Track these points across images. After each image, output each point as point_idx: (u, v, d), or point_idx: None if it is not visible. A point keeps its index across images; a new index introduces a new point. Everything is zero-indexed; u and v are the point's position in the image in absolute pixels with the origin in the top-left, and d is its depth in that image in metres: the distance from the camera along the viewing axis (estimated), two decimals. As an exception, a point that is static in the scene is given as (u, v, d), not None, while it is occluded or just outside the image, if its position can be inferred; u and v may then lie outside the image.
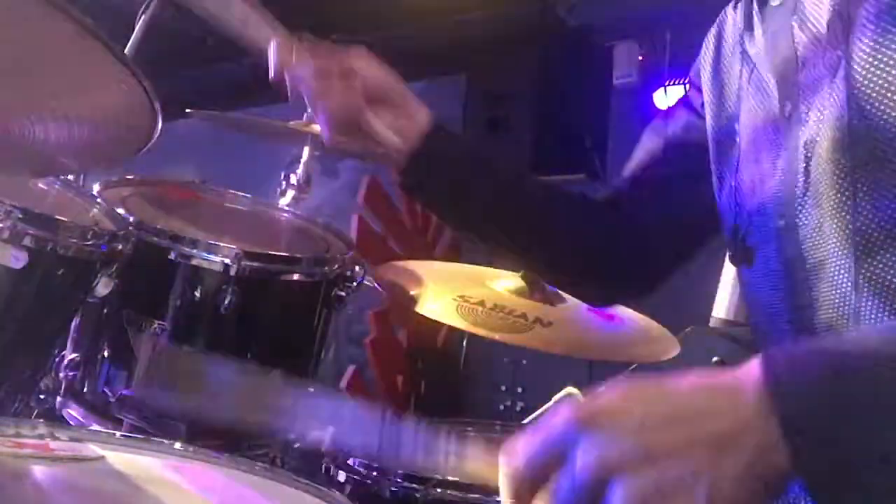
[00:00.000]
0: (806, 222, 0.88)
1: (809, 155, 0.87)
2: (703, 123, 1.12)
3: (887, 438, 0.59)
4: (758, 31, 0.99)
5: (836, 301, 0.84)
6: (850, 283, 0.82)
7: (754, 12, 1.01)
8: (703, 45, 1.14)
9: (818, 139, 0.86)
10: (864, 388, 0.60)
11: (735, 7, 1.07)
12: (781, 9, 0.95)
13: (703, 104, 1.13)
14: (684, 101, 1.21)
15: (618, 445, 0.59)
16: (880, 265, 0.80)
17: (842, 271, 0.83)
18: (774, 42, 0.95)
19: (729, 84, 1.06)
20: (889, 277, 0.79)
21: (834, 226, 0.83)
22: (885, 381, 0.60)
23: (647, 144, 1.25)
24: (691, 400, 0.63)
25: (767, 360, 0.63)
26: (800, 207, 0.88)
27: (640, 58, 4.05)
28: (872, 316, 0.80)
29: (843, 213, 0.82)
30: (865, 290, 0.81)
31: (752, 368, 0.62)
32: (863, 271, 0.81)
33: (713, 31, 1.13)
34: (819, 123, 0.86)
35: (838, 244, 0.83)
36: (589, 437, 0.60)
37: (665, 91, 3.93)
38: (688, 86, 1.20)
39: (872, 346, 0.64)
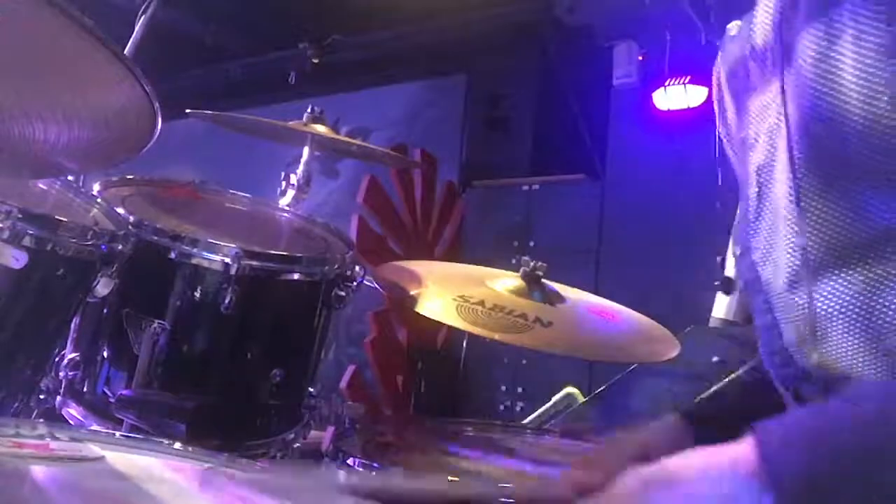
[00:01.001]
0: (758, 246, 0.89)
1: (762, 180, 0.88)
2: None
3: None
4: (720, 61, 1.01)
5: (796, 322, 0.85)
6: (805, 304, 0.83)
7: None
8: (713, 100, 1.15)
9: (770, 164, 0.87)
10: (857, 468, 0.64)
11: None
12: (737, 38, 0.96)
13: None
14: None
15: None
16: (834, 284, 0.80)
17: (795, 292, 0.84)
18: (732, 69, 0.97)
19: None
20: (842, 296, 0.80)
21: (789, 249, 0.84)
22: (878, 460, 0.64)
23: None
24: (696, 492, 0.67)
25: (761, 442, 0.67)
26: (752, 232, 0.90)
27: (640, 58, 4.05)
28: (832, 334, 0.81)
29: (794, 235, 0.83)
30: (820, 308, 0.82)
31: (749, 451, 0.67)
32: (821, 291, 0.81)
33: (714, 80, 1.13)
34: (770, 148, 0.87)
35: (794, 267, 0.84)
36: None
37: (665, 91, 3.92)
38: None
39: (867, 419, 0.67)
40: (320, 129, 2.04)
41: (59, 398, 1.44)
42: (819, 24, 0.79)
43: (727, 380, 1.20)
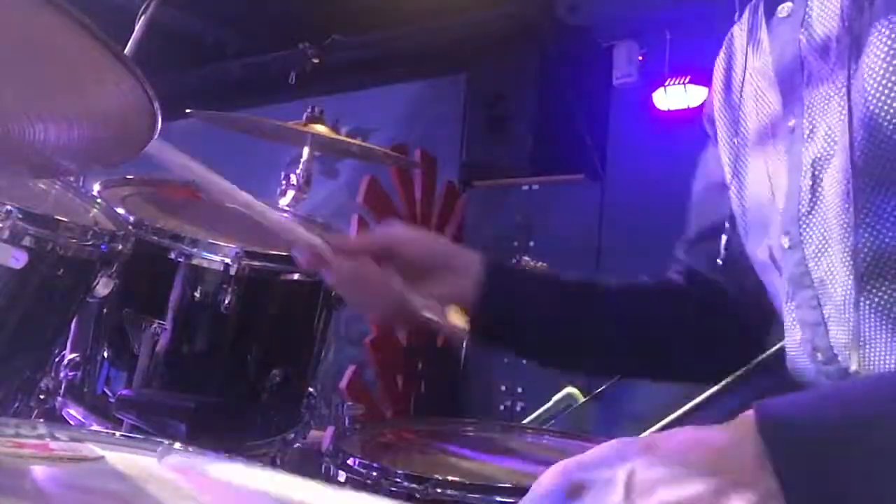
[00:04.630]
0: (810, 240, 0.85)
1: (818, 173, 0.84)
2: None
3: (886, 493, 0.58)
4: (764, 43, 0.97)
5: (848, 322, 0.81)
6: (862, 306, 0.80)
7: (760, 25, 0.98)
8: (714, 71, 1.11)
9: (829, 157, 0.83)
10: (862, 444, 0.60)
11: (741, 25, 1.04)
12: (789, 20, 0.92)
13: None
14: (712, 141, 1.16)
15: None
16: (889, 290, 0.78)
17: (852, 294, 0.80)
18: (780, 54, 0.92)
19: (739, 102, 1.03)
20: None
21: (843, 246, 0.81)
22: (882, 438, 0.59)
23: (696, 202, 1.20)
24: (681, 458, 0.61)
25: (762, 413, 0.62)
26: (804, 226, 0.86)
27: (640, 58, 4.05)
28: (883, 341, 0.79)
29: (855, 235, 0.79)
30: (871, 315, 0.79)
31: (747, 421, 0.61)
32: (870, 296, 0.79)
33: (722, 55, 1.09)
34: (828, 141, 0.83)
35: (846, 266, 0.81)
36: None
37: (665, 91, 3.92)
38: (708, 125, 1.15)
39: (870, 398, 0.63)
40: (320, 129, 2.04)
41: (59, 398, 1.44)
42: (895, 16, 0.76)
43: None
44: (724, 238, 1.02)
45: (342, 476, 1.39)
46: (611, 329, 1.16)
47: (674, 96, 3.89)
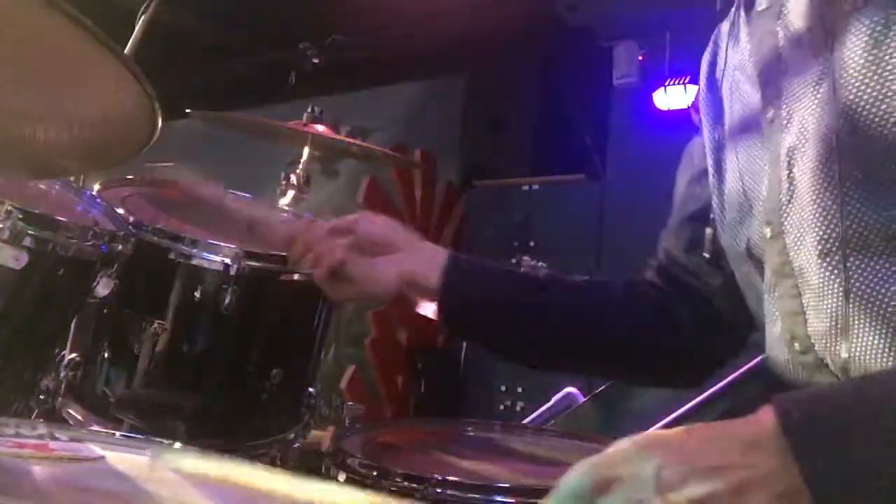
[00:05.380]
0: (790, 229, 0.86)
1: (793, 162, 0.86)
2: None
3: None
4: (743, 37, 0.99)
5: (826, 310, 0.83)
6: (838, 293, 0.81)
7: (740, 19, 1.00)
8: (701, 63, 1.13)
9: (802, 147, 0.85)
10: (884, 438, 0.61)
11: (728, 21, 1.06)
12: (767, 13, 0.94)
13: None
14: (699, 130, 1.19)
15: None
16: (867, 274, 0.79)
17: (829, 281, 0.82)
18: (758, 47, 0.94)
19: (722, 95, 1.05)
20: (876, 287, 0.78)
21: (819, 234, 0.82)
22: None
23: (681, 192, 1.22)
24: (706, 454, 0.62)
25: (782, 409, 0.63)
26: (785, 215, 0.87)
27: (640, 58, 4.05)
28: (862, 326, 0.79)
29: (830, 222, 0.81)
30: (853, 299, 0.80)
31: (767, 417, 0.63)
32: (851, 281, 0.80)
33: (709, 48, 1.12)
34: (803, 131, 0.85)
35: (824, 253, 0.82)
36: (605, 501, 0.60)
37: (665, 91, 3.93)
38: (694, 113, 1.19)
39: (889, 394, 0.64)
40: (320, 129, 2.04)
41: (59, 398, 1.44)
42: (876, 10, 0.78)
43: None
44: (708, 231, 1.03)
45: (342, 476, 1.39)
46: (578, 328, 1.19)
47: (674, 96, 3.90)
